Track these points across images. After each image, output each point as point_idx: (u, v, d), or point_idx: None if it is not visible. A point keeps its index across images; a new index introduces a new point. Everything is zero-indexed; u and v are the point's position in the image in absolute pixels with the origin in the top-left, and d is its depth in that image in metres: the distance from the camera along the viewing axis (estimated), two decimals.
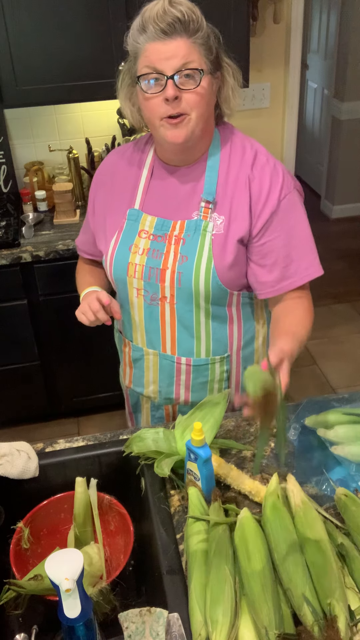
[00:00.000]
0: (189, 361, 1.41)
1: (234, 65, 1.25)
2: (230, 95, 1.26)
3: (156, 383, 1.47)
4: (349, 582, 0.96)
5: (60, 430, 2.88)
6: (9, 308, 2.51)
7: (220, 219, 1.27)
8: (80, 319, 1.33)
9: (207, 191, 1.28)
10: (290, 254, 1.30)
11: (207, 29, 1.17)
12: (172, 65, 1.13)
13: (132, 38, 1.17)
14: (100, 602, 1.01)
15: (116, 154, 1.42)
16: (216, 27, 1.22)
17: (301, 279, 1.32)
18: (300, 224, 1.31)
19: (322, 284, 1.48)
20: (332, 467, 1.23)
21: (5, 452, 1.22)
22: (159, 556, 1.05)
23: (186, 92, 1.15)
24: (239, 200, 1.27)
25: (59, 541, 1.21)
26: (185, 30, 1.13)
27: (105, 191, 1.40)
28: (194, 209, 1.29)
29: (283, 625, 0.89)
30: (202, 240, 1.27)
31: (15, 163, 2.85)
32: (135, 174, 1.35)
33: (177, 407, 1.51)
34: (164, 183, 1.33)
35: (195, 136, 1.21)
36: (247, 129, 3.02)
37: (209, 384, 1.45)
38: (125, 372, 1.54)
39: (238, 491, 1.18)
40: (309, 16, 4.87)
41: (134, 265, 1.33)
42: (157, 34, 1.12)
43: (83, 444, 1.33)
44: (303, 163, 5.39)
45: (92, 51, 2.30)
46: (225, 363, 1.43)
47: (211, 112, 1.25)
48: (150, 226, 1.32)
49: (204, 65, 1.16)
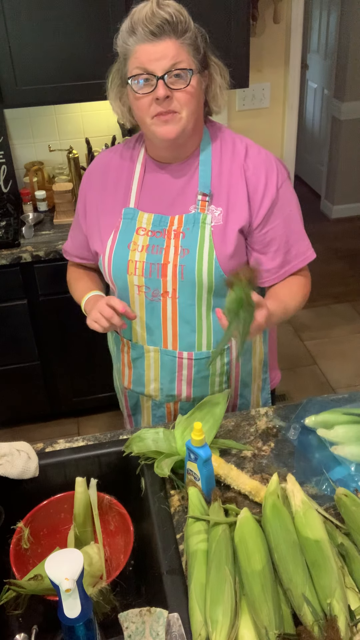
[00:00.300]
0: (191, 355, 1.42)
1: (221, 64, 1.29)
2: (218, 92, 1.30)
3: (157, 380, 1.47)
4: (349, 582, 0.96)
5: (60, 430, 2.88)
6: (9, 308, 2.51)
7: (218, 210, 1.30)
8: (93, 327, 1.31)
9: (203, 184, 1.30)
10: (289, 239, 1.35)
11: (195, 29, 1.21)
12: (162, 66, 1.16)
13: (122, 40, 1.21)
14: (100, 602, 1.01)
15: (106, 155, 1.43)
16: (216, 27, 1.24)
17: (301, 261, 1.38)
18: (295, 209, 1.37)
19: (322, 284, 1.48)
20: (332, 467, 1.23)
21: (5, 452, 1.22)
22: (159, 556, 1.05)
23: (177, 92, 1.19)
24: (235, 190, 1.30)
25: (59, 541, 1.21)
26: (174, 32, 1.16)
27: (96, 192, 1.40)
28: (190, 203, 1.31)
29: (283, 625, 0.89)
30: (202, 233, 1.29)
31: (15, 163, 2.85)
32: (128, 173, 1.37)
33: (179, 405, 1.51)
34: (157, 180, 1.34)
35: (186, 133, 1.25)
36: (247, 129, 3.04)
37: (210, 377, 1.46)
38: (123, 374, 1.54)
39: (238, 491, 1.18)
40: (309, 16, 4.87)
41: (134, 263, 1.33)
42: (147, 36, 1.16)
43: (83, 444, 1.33)
44: (303, 163, 5.39)
45: (92, 51, 2.30)
46: (226, 355, 1.44)
47: (201, 110, 1.29)
48: (148, 223, 1.33)
49: (193, 64, 1.20)
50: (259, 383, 1.56)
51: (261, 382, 1.57)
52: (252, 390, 1.56)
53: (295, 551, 0.98)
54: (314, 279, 1.38)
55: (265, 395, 1.59)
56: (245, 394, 1.55)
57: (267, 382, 1.58)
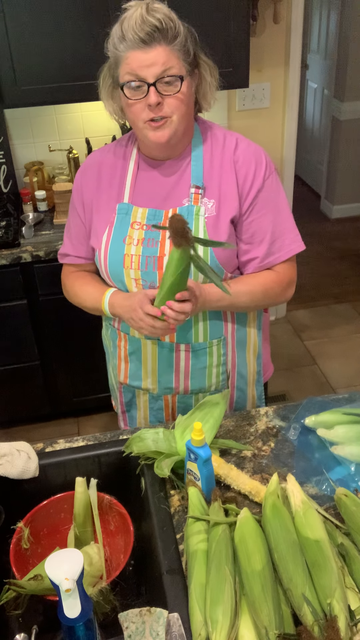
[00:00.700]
0: (188, 347, 1.43)
1: (211, 62, 1.31)
2: (208, 91, 1.33)
3: (155, 373, 1.48)
4: (349, 582, 0.96)
5: (60, 430, 2.88)
6: (9, 308, 2.51)
7: (211, 202, 1.33)
8: (142, 333, 1.32)
9: (195, 178, 1.33)
10: (275, 231, 1.37)
11: (184, 32, 1.22)
12: (153, 73, 1.19)
13: (113, 45, 1.22)
14: (100, 602, 1.01)
15: (99, 153, 1.44)
16: (216, 27, 1.24)
17: (286, 253, 1.40)
18: (282, 202, 1.39)
19: (322, 284, 1.48)
20: (332, 467, 1.23)
21: (5, 452, 1.22)
22: (159, 556, 1.06)
23: (168, 97, 1.22)
24: (226, 182, 1.33)
25: (59, 541, 1.21)
26: (164, 38, 1.18)
27: (91, 190, 1.41)
28: (183, 197, 1.34)
29: (283, 625, 0.89)
30: (197, 224, 1.32)
31: (15, 163, 2.85)
32: (121, 171, 1.39)
33: (177, 398, 1.52)
34: (150, 176, 1.37)
35: (177, 135, 1.28)
36: (247, 129, 3.04)
37: (208, 369, 1.47)
38: (119, 369, 1.54)
39: (238, 491, 1.18)
40: (309, 16, 4.87)
41: (130, 257, 1.34)
42: (137, 43, 1.18)
43: (83, 444, 1.33)
44: (303, 163, 5.39)
45: (92, 51, 2.29)
46: (222, 346, 1.46)
47: (191, 111, 1.32)
48: (142, 217, 1.35)
49: (183, 69, 1.22)
50: (254, 375, 1.58)
51: (256, 374, 1.58)
52: (248, 382, 1.57)
53: (295, 551, 0.98)
54: (314, 279, 1.39)
55: (259, 388, 1.61)
56: (241, 386, 1.56)
57: (261, 374, 1.60)
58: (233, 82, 2.46)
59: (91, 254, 1.47)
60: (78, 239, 1.47)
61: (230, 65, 2.40)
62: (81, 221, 1.45)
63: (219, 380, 1.50)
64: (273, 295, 1.42)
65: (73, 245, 1.49)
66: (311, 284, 3.89)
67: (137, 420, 1.61)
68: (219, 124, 1.44)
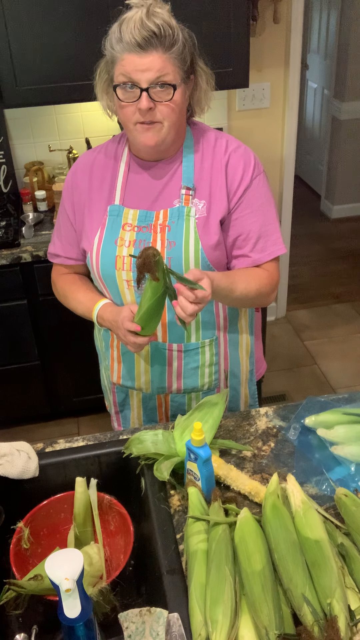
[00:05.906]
0: (180, 347, 1.44)
1: (208, 70, 1.31)
2: (202, 97, 1.33)
3: (148, 373, 1.49)
4: (349, 582, 0.96)
5: (60, 430, 2.88)
6: (9, 308, 2.51)
7: (201, 203, 1.34)
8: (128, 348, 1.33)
9: (186, 179, 1.34)
10: (260, 231, 1.38)
11: (182, 39, 1.21)
12: (147, 78, 1.19)
13: (110, 44, 1.22)
14: (100, 602, 1.01)
15: (90, 154, 1.44)
16: (216, 27, 1.24)
17: (268, 255, 1.40)
18: (269, 204, 1.40)
19: (322, 284, 1.48)
20: (332, 467, 1.23)
21: (5, 452, 1.22)
22: (159, 556, 1.06)
23: (160, 104, 1.22)
24: (216, 182, 1.34)
25: (59, 541, 1.21)
26: (161, 45, 1.17)
27: (82, 191, 1.41)
28: (174, 198, 1.34)
29: (283, 625, 0.89)
30: (187, 225, 1.32)
31: (15, 163, 2.85)
32: (112, 172, 1.39)
33: (170, 397, 1.52)
34: (141, 178, 1.37)
35: (167, 142, 1.29)
36: (247, 129, 3.04)
37: (200, 369, 1.48)
38: (112, 369, 1.55)
39: (238, 491, 1.18)
40: (309, 16, 4.87)
41: (121, 258, 1.35)
42: (134, 47, 1.17)
43: (83, 444, 1.33)
44: (303, 163, 5.39)
45: (92, 51, 2.29)
46: (214, 346, 1.47)
47: (183, 118, 1.32)
48: (134, 219, 1.35)
49: (178, 77, 1.22)
50: (247, 374, 1.58)
51: (248, 373, 1.59)
52: (241, 381, 1.58)
53: (295, 551, 0.98)
54: (314, 279, 1.39)
55: (252, 387, 1.61)
56: (234, 385, 1.57)
57: (253, 373, 1.60)
58: (233, 82, 2.45)
59: (82, 256, 1.47)
60: (68, 241, 1.47)
61: (230, 65, 2.39)
62: (71, 224, 1.44)
63: (211, 380, 1.51)
64: (261, 293, 1.40)
65: (63, 247, 1.49)
66: (311, 284, 3.88)
67: (130, 421, 1.62)
68: (214, 126, 1.44)
